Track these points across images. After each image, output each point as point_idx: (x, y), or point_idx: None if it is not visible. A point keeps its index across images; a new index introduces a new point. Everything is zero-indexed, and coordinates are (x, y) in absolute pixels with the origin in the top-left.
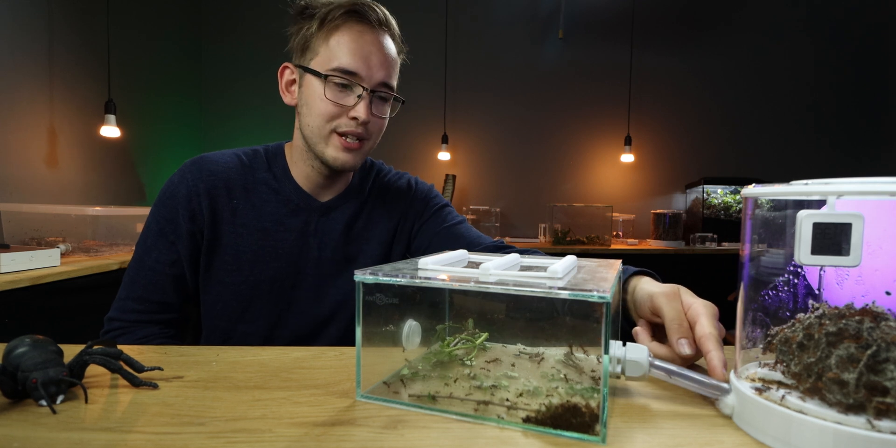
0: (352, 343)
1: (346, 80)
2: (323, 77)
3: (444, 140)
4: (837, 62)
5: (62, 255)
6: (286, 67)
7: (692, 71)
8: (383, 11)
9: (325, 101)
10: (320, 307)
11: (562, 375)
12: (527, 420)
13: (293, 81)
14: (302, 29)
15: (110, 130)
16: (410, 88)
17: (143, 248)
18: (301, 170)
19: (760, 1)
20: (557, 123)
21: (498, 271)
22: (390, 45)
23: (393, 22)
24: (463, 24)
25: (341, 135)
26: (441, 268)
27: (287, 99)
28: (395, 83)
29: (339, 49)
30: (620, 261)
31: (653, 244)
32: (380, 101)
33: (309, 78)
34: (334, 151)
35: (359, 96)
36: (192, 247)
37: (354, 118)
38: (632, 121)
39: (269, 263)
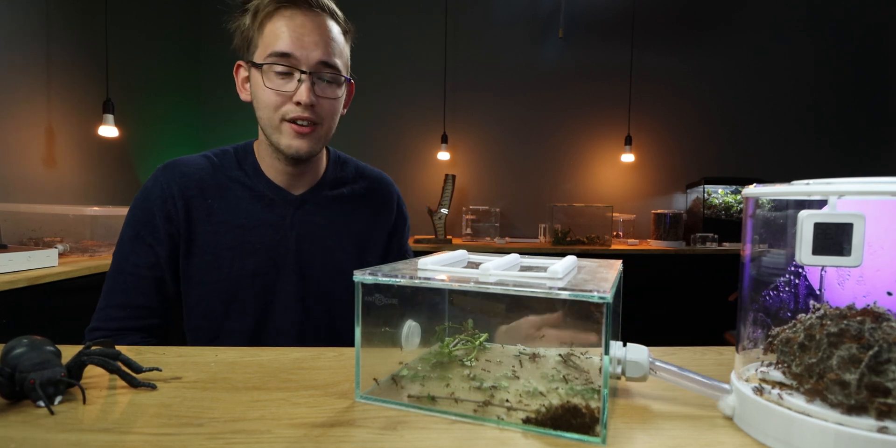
0: (341, 340)
1: (281, 64)
2: (259, 66)
3: (444, 140)
4: (838, 62)
5: (60, 255)
6: (239, 65)
7: (692, 71)
8: None
9: (265, 90)
10: (304, 301)
11: (562, 376)
12: (527, 421)
13: (246, 78)
14: (240, 25)
15: (108, 130)
16: (410, 88)
17: (121, 254)
18: (270, 164)
19: (760, 1)
20: (557, 123)
21: (498, 272)
22: (328, 26)
23: (329, 3)
24: (463, 24)
25: (291, 121)
26: (441, 268)
27: (243, 96)
28: (338, 62)
29: (272, 37)
30: (621, 261)
31: (653, 244)
32: (325, 83)
33: (254, 71)
34: (287, 139)
35: (299, 80)
36: (171, 248)
37: (298, 103)
38: (632, 120)
39: (249, 258)
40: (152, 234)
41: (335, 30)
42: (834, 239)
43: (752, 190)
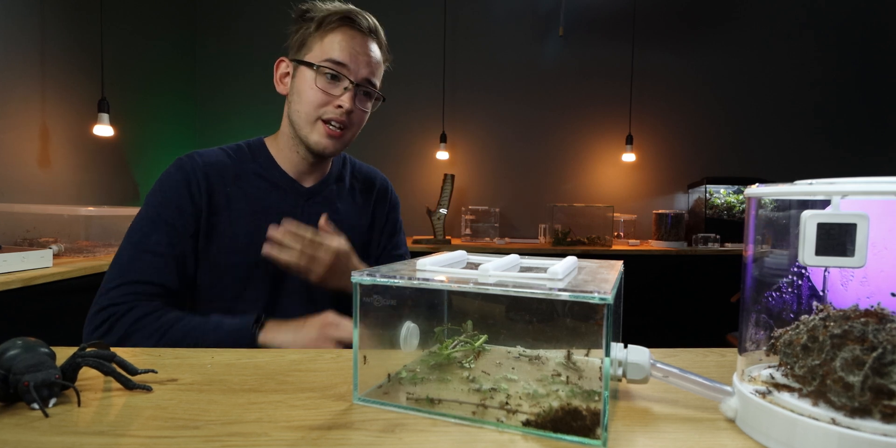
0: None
1: (335, 71)
2: (315, 67)
3: (443, 139)
4: (842, 60)
5: (55, 255)
6: (282, 61)
7: (694, 69)
8: (374, 21)
9: (315, 89)
10: (311, 288)
11: (562, 378)
12: (527, 423)
13: (287, 74)
14: (301, 29)
15: (103, 129)
16: (408, 87)
17: (140, 234)
18: (287, 156)
19: None
20: (558, 122)
21: (497, 272)
22: (376, 50)
23: (381, 32)
24: (462, 22)
25: (326, 122)
26: (440, 269)
27: (280, 88)
28: (377, 83)
29: (331, 46)
30: (622, 262)
31: (654, 245)
32: (363, 96)
33: (302, 69)
34: (318, 137)
35: (345, 88)
36: (193, 229)
37: (340, 106)
38: (633, 119)
39: (263, 243)
40: (174, 213)
41: (379, 55)
42: (837, 239)
43: (755, 190)
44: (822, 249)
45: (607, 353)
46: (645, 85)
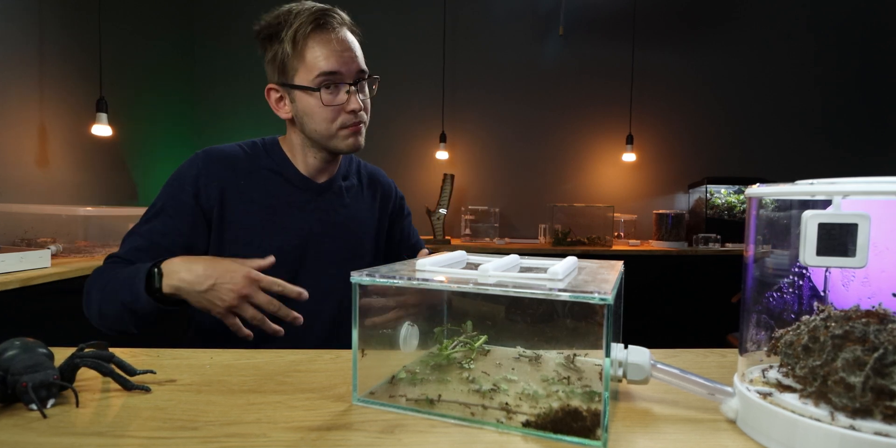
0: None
1: (332, 81)
2: (315, 89)
3: (443, 139)
4: (843, 60)
5: (53, 256)
6: (272, 88)
7: (695, 69)
8: (339, 13)
9: (324, 108)
10: (323, 280)
11: (562, 379)
12: (526, 424)
13: (281, 99)
14: (276, 53)
15: (102, 129)
16: (408, 87)
17: (142, 219)
18: (300, 158)
19: None
20: (558, 122)
21: (497, 273)
22: (352, 38)
23: (346, 17)
24: (462, 22)
25: (344, 127)
26: (439, 269)
27: (282, 114)
28: (365, 66)
29: (315, 61)
30: (622, 262)
31: (655, 245)
32: (364, 86)
33: (299, 94)
34: (344, 141)
35: (347, 92)
36: (190, 224)
37: (352, 111)
38: (633, 119)
39: (276, 236)
40: (175, 207)
41: (353, 38)
42: (838, 239)
43: (756, 190)
44: (823, 250)
45: (607, 354)
46: (645, 85)
